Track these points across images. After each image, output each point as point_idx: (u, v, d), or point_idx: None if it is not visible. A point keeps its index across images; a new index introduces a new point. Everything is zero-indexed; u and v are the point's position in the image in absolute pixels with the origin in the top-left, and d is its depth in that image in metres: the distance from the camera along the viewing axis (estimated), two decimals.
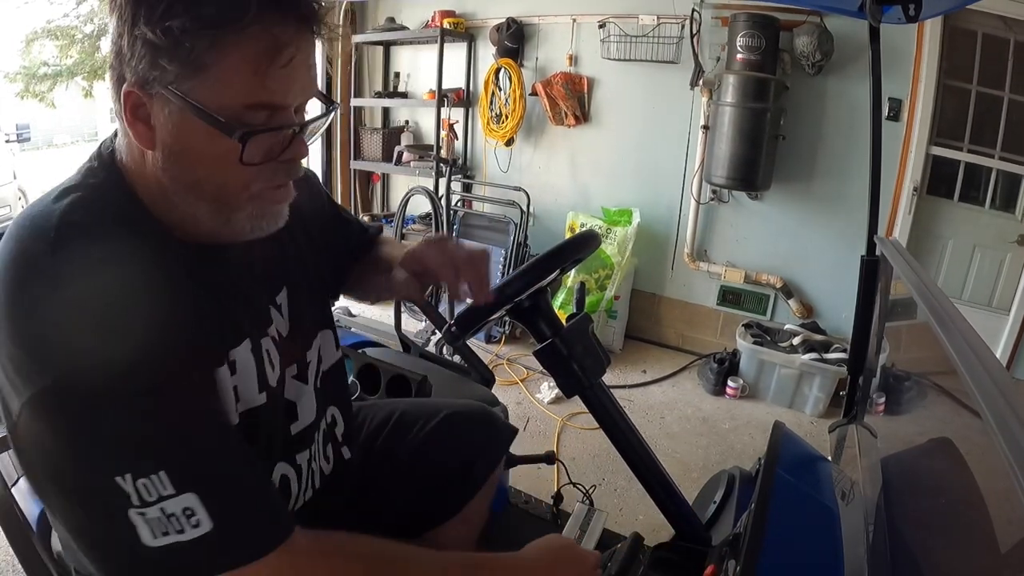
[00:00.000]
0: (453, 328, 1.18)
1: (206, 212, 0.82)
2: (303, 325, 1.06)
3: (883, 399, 1.83)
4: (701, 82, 3.89)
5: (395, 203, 5.15)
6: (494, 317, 1.20)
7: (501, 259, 4.40)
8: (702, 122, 3.99)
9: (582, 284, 1.49)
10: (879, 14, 1.76)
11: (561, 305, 4.13)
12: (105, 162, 0.85)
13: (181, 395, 0.73)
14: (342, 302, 1.91)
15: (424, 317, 3.34)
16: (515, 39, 4.48)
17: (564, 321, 1.20)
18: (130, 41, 0.73)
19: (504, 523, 1.95)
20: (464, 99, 4.85)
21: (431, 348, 3.23)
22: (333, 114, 0.92)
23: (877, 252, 1.87)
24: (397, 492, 1.29)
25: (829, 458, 1.61)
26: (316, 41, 0.80)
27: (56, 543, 1.27)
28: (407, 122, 5.25)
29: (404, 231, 4.80)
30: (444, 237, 1.22)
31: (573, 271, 3.91)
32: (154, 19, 0.70)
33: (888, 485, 1.29)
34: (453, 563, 0.92)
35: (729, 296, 4.32)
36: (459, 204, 4.91)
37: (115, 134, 0.87)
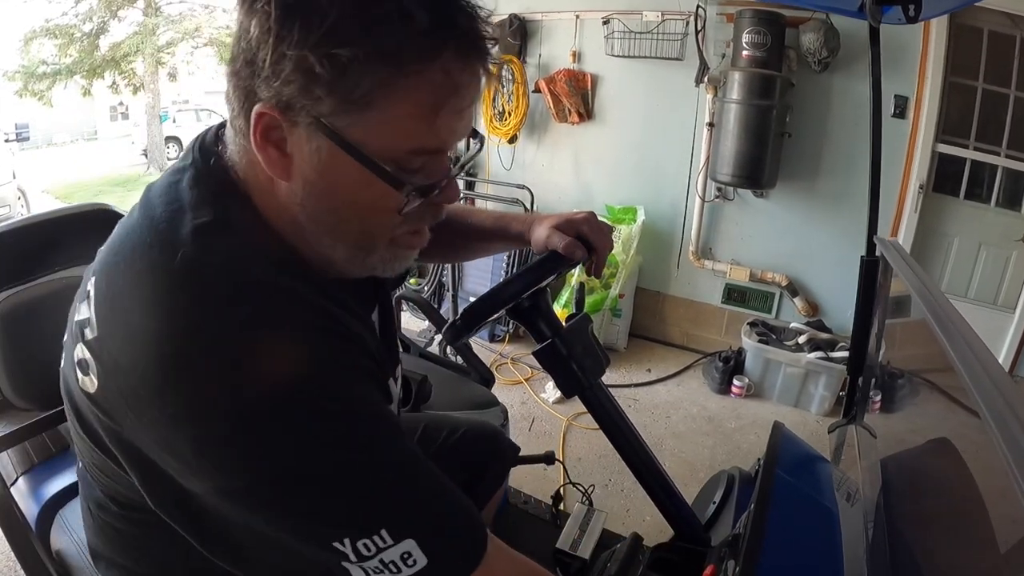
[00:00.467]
0: (458, 322, 1.18)
1: (342, 253, 0.75)
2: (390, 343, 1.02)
3: (879, 397, 1.82)
4: (706, 79, 3.88)
5: None
6: (494, 317, 1.19)
7: (504, 257, 4.40)
8: (707, 119, 3.97)
9: (581, 284, 1.49)
10: (879, 14, 1.75)
11: (564, 305, 4.12)
12: (221, 180, 0.74)
13: (386, 446, 0.70)
14: None
15: (425, 317, 3.34)
16: (518, 35, 4.47)
17: (564, 321, 1.20)
18: (275, 57, 0.62)
19: (504, 523, 1.95)
20: None
21: (433, 348, 3.23)
22: (481, 147, 0.86)
23: (877, 252, 1.86)
24: None
25: (829, 458, 1.61)
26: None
27: (56, 542, 1.27)
28: None
29: None
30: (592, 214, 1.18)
31: (576, 270, 3.91)
32: (313, 40, 0.60)
33: (887, 485, 1.29)
34: None
35: (734, 294, 4.31)
36: (462, 202, 4.90)
37: (214, 135, 0.79)
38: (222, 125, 0.78)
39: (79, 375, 0.72)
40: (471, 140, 0.82)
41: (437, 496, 0.74)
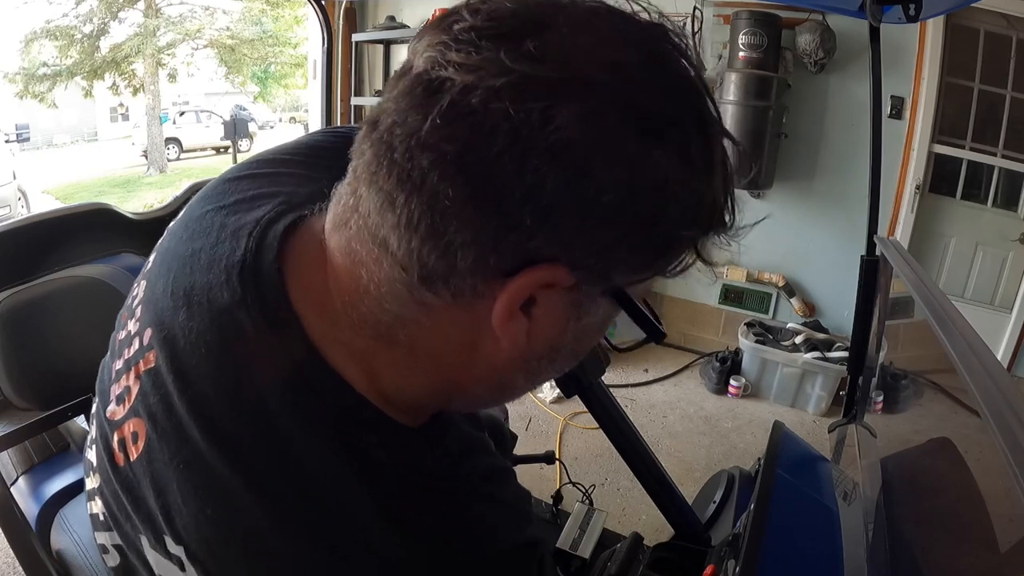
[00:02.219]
0: None
1: (483, 401, 0.65)
2: None
3: (881, 397, 1.82)
4: None
5: None
6: None
7: None
8: None
9: None
10: (879, 14, 1.76)
11: None
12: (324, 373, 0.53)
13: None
14: None
15: None
16: None
17: None
18: (621, 229, 0.45)
19: None
20: None
21: None
22: None
23: (877, 252, 1.86)
24: None
25: (829, 458, 1.61)
26: None
27: (56, 542, 1.27)
28: None
29: None
30: None
31: None
32: (690, 229, 0.49)
33: (888, 485, 1.29)
34: None
35: (731, 295, 4.31)
36: None
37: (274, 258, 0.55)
38: (287, 227, 0.57)
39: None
40: None
41: None
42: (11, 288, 1.43)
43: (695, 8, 3.79)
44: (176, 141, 16.41)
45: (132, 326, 0.61)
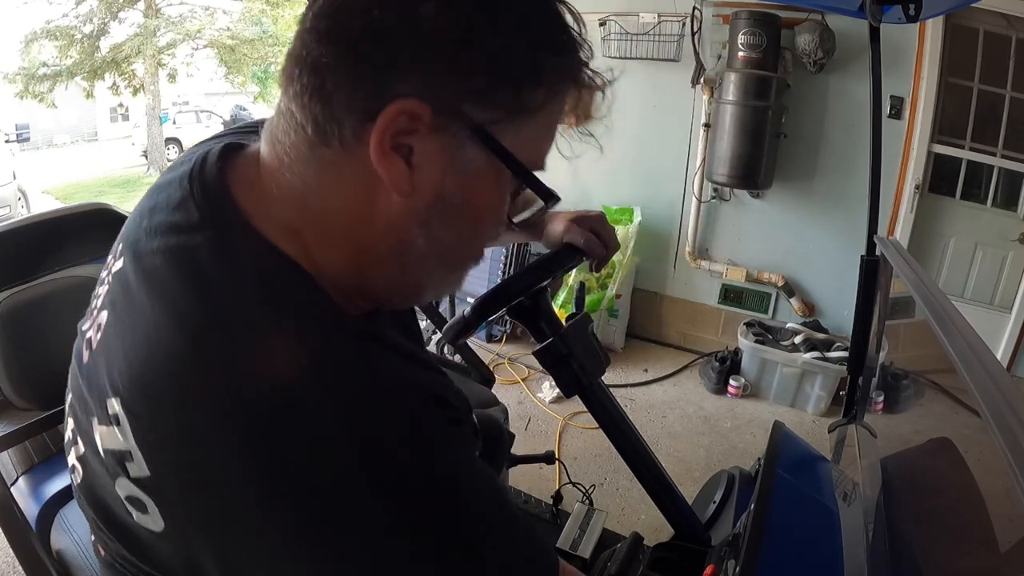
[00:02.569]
0: (456, 323, 1.18)
1: (436, 280, 0.69)
2: None
3: (882, 398, 1.82)
4: (702, 80, 3.88)
5: None
6: (494, 317, 1.19)
7: (501, 259, 4.39)
8: (703, 120, 3.98)
9: (582, 284, 1.49)
10: (879, 14, 1.76)
11: (562, 304, 4.12)
12: (238, 222, 0.60)
13: (502, 523, 0.63)
14: None
15: (424, 317, 3.34)
16: None
17: (564, 321, 1.20)
18: (455, 38, 0.54)
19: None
20: None
21: (432, 348, 3.23)
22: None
23: (877, 252, 1.86)
24: None
25: (829, 458, 1.61)
26: None
27: (56, 542, 1.27)
28: None
29: None
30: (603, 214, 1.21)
31: (574, 270, 3.91)
32: (527, 37, 0.56)
33: (888, 485, 1.29)
34: None
35: (731, 295, 4.31)
36: None
37: (217, 161, 0.64)
38: (227, 145, 0.66)
39: (132, 512, 0.59)
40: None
41: (524, 544, 0.66)
42: (11, 288, 1.43)
43: (694, 8, 3.79)
44: (176, 141, 16.42)
45: (109, 261, 0.70)
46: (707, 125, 3.95)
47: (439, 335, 3.38)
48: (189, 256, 0.58)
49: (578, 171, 4.58)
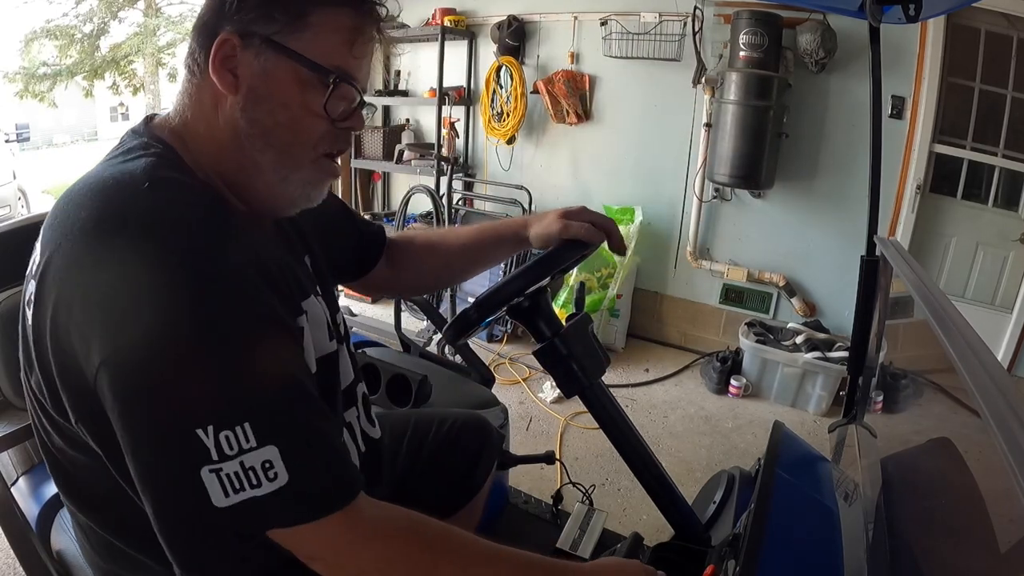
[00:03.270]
0: (457, 323, 1.18)
1: (271, 161, 0.88)
2: (329, 290, 1.11)
3: (881, 398, 1.82)
4: (703, 80, 3.89)
5: (396, 202, 5.15)
6: (494, 317, 1.20)
7: None
8: (704, 120, 3.98)
9: (582, 284, 1.49)
10: (879, 14, 1.76)
11: (562, 305, 4.12)
12: (153, 136, 0.88)
13: (270, 344, 0.75)
14: (342, 301, 1.89)
15: (424, 317, 3.34)
16: (516, 37, 4.48)
17: (564, 321, 1.20)
18: None
19: (504, 523, 1.95)
20: (465, 97, 4.85)
21: (432, 348, 3.23)
22: (374, 111, 1.00)
23: (877, 252, 1.86)
24: (411, 493, 1.29)
25: (829, 458, 1.61)
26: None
27: (56, 542, 1.27)
28: (408, 120, 5.24)
29: (405, 229, 4.80)
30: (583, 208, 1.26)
31: (575, 270, 3.91)
32: None
33: (888, 485, 1.29)
34: (515, 561, 0.86)
35: (732, 294, 4.32)
36: (460, 202, 4.91)
37: (147, 118, 0.92)
38: (149, 119, 0.93)
39: (27, 314, 0.80)
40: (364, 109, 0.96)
41: (309, 411, 0.77)
42: (11, 288, 1.42)
43: (696, 8, 3.80)
44: None
45: None
46: (708, 125, 3.96)
47: (439, 335, 3.38)
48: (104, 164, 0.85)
49: (579, 171, 4.59)
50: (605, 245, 1.21)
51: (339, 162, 0.98)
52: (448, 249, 1.40)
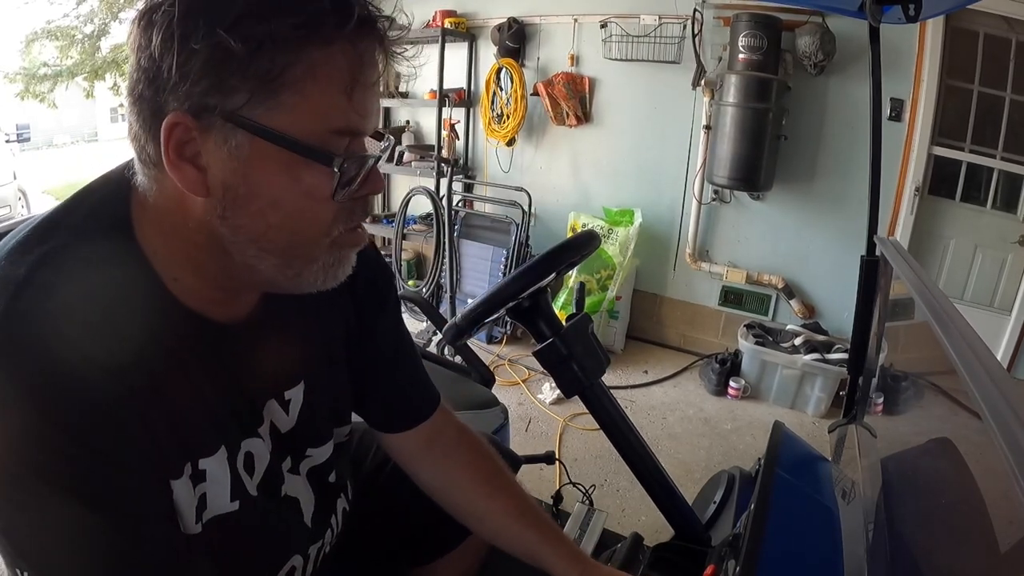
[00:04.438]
0: (459, 324, 1.18)
1: (272, 266, 0.71)
2: (314, 425, 0.93)
3: (881, 399, 1.82)
4: (703, 82, 3.89)
5: (396, 203, 5.15)
6: (494, 317, 1.20)
7: (502, 259, 4.40)
8: (704, 122, 3.98)
9: (582, 284, 1.49)
10: (879, 14, 1.76)
11: (562, 305, 4.12)
12: (116, 203, 0.71)
13: (111, 508, 0.64)
14: None
15: (425, 317, 3.34)
16: (516, 39, 4.48)
17: (564, 321, 1.20)
18: (180, 60, 0.60)
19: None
20: (465, 99, 4.85)
21: (432, 348, 3.24)
22: (390, 146, 0.81)
23: (877, 252, 1.86)
24: (398, 525, 1.24)
25: (829, 458, 1.61)
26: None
27: None
28: (408, 122, 5.24)
29: (405, 231, 4.81)
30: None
31: (574, 271, 3.92)
32: (225, 25, 0.59)
33: (888, 485, 1.29)
34: None
35: (731, 296, 4.32)
36: (460, 204, 4.91)
37: (116, 178, 0.74)
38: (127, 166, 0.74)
39: None
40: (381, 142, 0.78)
41: None
42: None
43: (695, 10, 3.81)
44: None
45: None
46: (707, 127, 3.96)
47: (439, 335, 3.38)
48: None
49: (579, 173, 4.59)
50: (606, 248, 1.20)
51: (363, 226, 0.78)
52: (492, 509, 1.08)
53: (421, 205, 4.79)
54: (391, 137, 0.81)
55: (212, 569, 0.77)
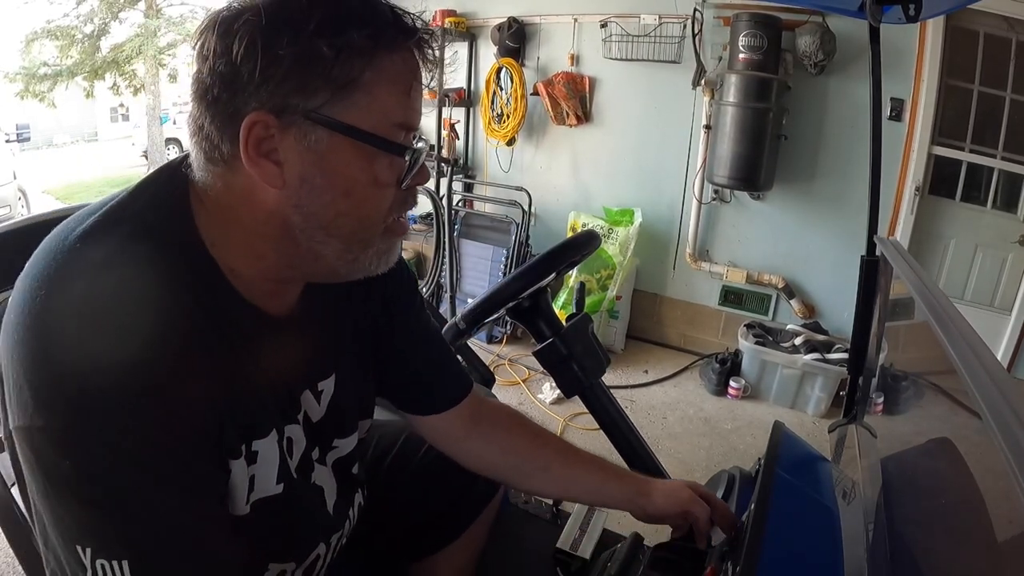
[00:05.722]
0: (459, 324, 1.18)
1: (335, 251, 0.77)
2: (341, 416, 0.98)
3: (881, 399, 1.82)
4: (703, 82, 3.89)
5: None
6: (494, 317, 1.20)
7: (503, 259, 4.40)
8: (704, 122, 3.99)
9: (582, 284, 1.49)
10: (879, 14, 1.76)
11: (562, 305, 4.12)
12: (177, 191, 0.76)
13: (174, 485, 0.67)
14: None
15: None
16: (516, 38, 4.48)
17: (564, 321, 1.20)
18: (263, 64, 0.67)
19: (504, 523, 1.95)
20: (465, 99, 4.85)
21: None
22: (429, 142, 0.89)
23: (877, 252, 1.86)
24: (397, 520, 1.26)
25: (829, 458, 1.61)
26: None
27: None
28: None
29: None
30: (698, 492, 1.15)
31: (574, 271, 3.91)
32: (308, 33, 0.67)
33: (888, 485, 1.29)
34: None
35: (731, 296, 4.32)
36: (460, 204, 4.91)
37: (169, 172, 0.78)
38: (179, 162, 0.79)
39: None
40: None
41: (202, 562, 0.71)
42: (11, 289, 1.42)
43: (695, 10, 3.81)
44: (176, 141, 16.38)
45: None
46: (708, 127, 3.96)
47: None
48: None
49: (579, 172, 4.60)
50: (606, 247, 1.20)
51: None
52: (552, 458, 1.18)
53: (421, 205, 4.77)
54: (422, 132, 0.89)
55: (253, 552, 0.81)
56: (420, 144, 0.79)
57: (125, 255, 0.69)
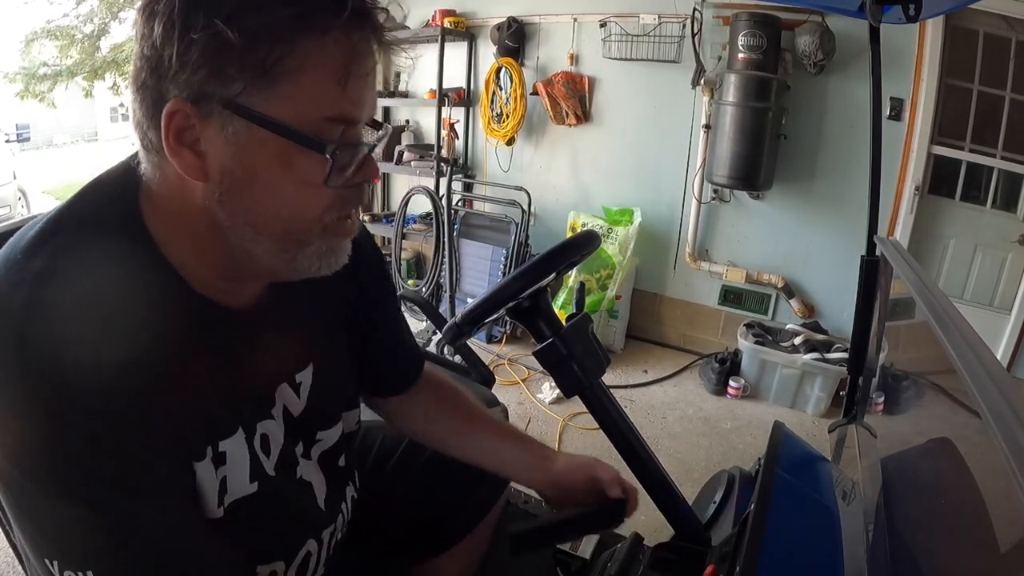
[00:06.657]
0: (457, 323, 1.18)
1: (268, 251, 0.73)
2: (324, 407, 0.97)
3: (882, 399, 1.82)
4: (702, 81, 3.89)
5: (396, 203, 5.15)
6: (494, 317, 1.20)
7: (502, 259, 4.40)
8: (703, 121, 3.98)
9: (582, 284, 1.49)
10: (879, 14, 1.76)
11: (562, 305, 4.12)
12: (125, 192, 0.73)
13: (138, 494, 0.66)
14: None
15: (424, 317, 3.33)
16: (516, 38, 4.48)
17: (564, 321, 1.20)
18: (180, 49, 0.62)
19: (504, 523, 1.95)
20: (465, 98, 4.85)
21: (431, 348, 3.23)
22: (387, 135, 0.83)
23: (877, 252, 1.86)
24: (400, 522, 1.25)
25: (829, 458, 1.61)
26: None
27: None
28: (407, 121, 5.24)
29: (405, 231, 4.81)
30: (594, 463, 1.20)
31: (574, 271, 3.91)
32: (223, 15, 0.61)
33: (888, 485, 1.29)
34: None
35: (731, 296, 4.31)
36: (460, 204, 4.91)
37: (122, 168, 0.76)
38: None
39: None
40: (377, 130, 0.80)
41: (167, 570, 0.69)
42: None
43: (695, 9, 3.80)
44: None
45: None
46: (707, 126, 3.96)
47: (439, 335, 3.38)
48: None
49: (578, 172, 4.59)
50: (605, 247, 1.20)
51: (357, 214, 0.81)
52: (468, 425, 1.22)
53: (421, 204, 4.79)
54: (389, 127, 0.83)
55: (234, 554, 0.79)
56: (369, 139, 0.75)
57: (67, 262, 0.67)
